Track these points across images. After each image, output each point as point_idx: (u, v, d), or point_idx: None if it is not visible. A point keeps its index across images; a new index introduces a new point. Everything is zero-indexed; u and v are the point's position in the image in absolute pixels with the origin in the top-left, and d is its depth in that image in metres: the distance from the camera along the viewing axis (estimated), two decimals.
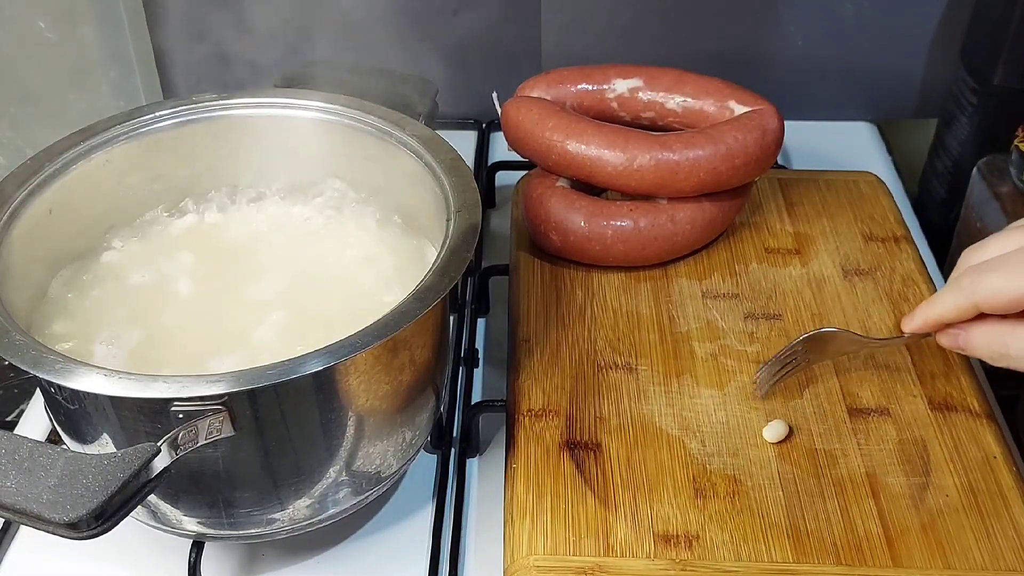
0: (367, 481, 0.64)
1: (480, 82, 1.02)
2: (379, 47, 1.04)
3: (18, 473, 0.50)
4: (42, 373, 0.54)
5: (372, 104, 0.75)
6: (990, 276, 0.62)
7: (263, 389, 0.55)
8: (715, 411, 0.70)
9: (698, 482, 0.65)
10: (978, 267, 0.63)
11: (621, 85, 0.85)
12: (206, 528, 0.63)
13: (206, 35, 1.03)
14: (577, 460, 0.67)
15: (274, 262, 0.73)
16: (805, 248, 0.84)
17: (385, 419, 0.63)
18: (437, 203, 0.68)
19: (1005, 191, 0.87)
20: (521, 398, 0.71)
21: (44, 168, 0.69)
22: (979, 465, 0.66)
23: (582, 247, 0.80)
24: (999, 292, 0.61)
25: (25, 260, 0.66)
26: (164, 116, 0.74)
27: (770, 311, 0.78)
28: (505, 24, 1.04)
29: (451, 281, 0.60)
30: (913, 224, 0.93)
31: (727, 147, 0.78)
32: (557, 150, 0.80)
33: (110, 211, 0.74)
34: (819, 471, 0.66)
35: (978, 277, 0.63)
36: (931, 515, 0.63)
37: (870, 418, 0.69)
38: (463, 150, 0.73)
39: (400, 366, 0.61)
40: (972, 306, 0.63)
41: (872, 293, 0.79)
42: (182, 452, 0.54)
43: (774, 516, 0.63)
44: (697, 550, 0.61)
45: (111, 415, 0.57)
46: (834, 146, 1.06)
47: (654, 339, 0.76)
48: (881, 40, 1.04)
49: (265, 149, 0.77)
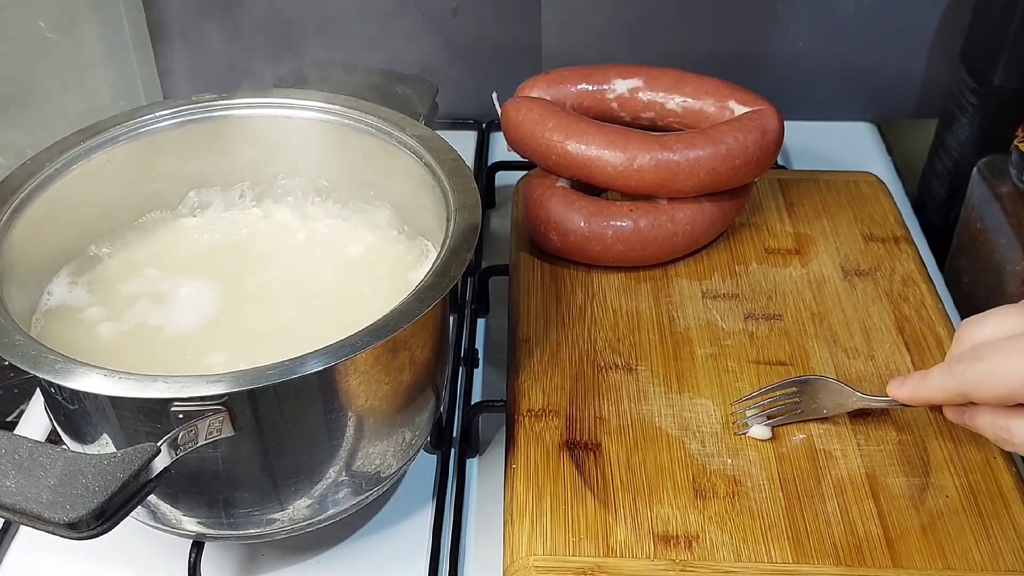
0: (367, 481, 0.64)
1: (480, 82, 1.02)
2: (379, 47, 1.04)
3: (18, 473, 0.50)
4: (42, 373, 0.54)
5: (372, 104, 0.75)
6: (980, 367, 0.58)
7: (263, 389, 0.55)
8: (715, 412, 0.70)
9: (698, 483, 0.65)
10: (972, 353, 0.60)
11: (621, 85, 0.85)
12: (206, 528, 0.63)
13: (206, 35, 1.03)
14: (577, 460, 0.67)
15: (274, 262, 0.73)
16: (805, 248, 0.84)
17: (385, 419, 0.63)
18: (437, 203, 0.68)
19: (1005, 191, 0.87)
20: (521, 398, 0.71)
21: (44, 168, 0.69)
22: (979, 466, 0.66)
23: (582, 247, 0.80)
24: (988, 384, 0.58)
25: (25, 260, 0.66)
26: (164, 116, 0.74)
27: (770, 311, 0.78)
28: (505, 24, 1.04)
29: (451, 281, 0.60)
30: (913, 224, 0.93)
31: (727, 147, 0.78)
32: (557, 150, 0.80)
33: (110, 211, 0.74)
34: (819, 472, 0.66)
35: (969, 365, 0.59)
36: (931, 516, 0.63)
37: (870, 419, 0.69)
38: (463, 150, 0.73)
39: (400, 366, 0.61)
40: (962, 395, 0.60)
41: (872, 293, 0.79)
42: (182, 452, 0.54)
43: (774, 517, 0.63)
44: (697, 551, 0.61)
45: (111, 415, 0.57)
46: (834, 146, 1.06)
47: (654, 339, 0.76)
48: (881, 40, 1.04)
49: (265, 149, 0.77)
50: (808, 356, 0.74)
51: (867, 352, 0.74)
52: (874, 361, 0.73)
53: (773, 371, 0.73)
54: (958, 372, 0.60)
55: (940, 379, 0.62)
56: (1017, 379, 0.57)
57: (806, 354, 0.74)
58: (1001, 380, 0.57)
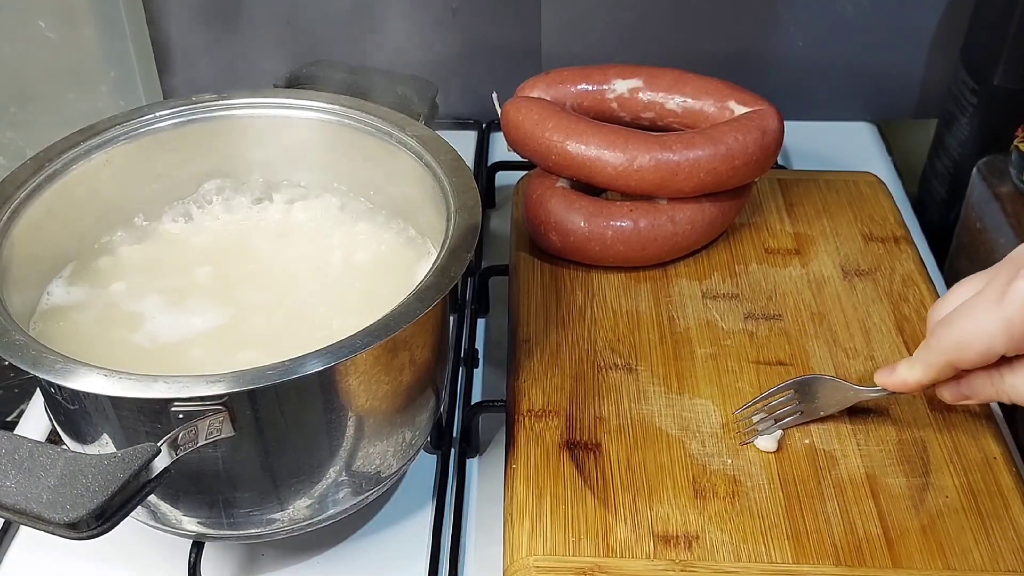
0: (367, 481, 0.64)
1: (480, 82, 1.02)
2: (379, 47, 1.04)
3: (18, 473, 0.50)
4: (42, 373, 0.54)
5: (372, 104, 0.75)
6: (951, 331, 0.59)
7: (263, 389, 0.55)
8: (715, 412, 0.70)
9: (698, 483, 0.65)
10: (943, 322, 0.61)
11: (621, 85, 0.85)
12: (206, 528, 0.63)
13: (206, 35, 1.03)
14: (577, 461, 0.67)
15: (275, 262, 0.73)
16: (805, 248, 0.84)
17: (385, 419, 0.63)
18: (437, 203, 0.68)
19: (1005, 191, 0.87)
20: (521, 398, 0.71)
21: (44, 168, 0.69)
22: (979, 466, 0.66)
23: (582, 247, 0.80)
24: (965, 345, 0.59)
25: (25, 260, 0.66)
26: (164, 116, 0.74)
27: (770, 311, 0.78)
28: (505, 24, 1.04)
29: (451, 281, 0.60)
30: (913, 224, 0.93)
31: (727, 147, 0.78)
32: (557, 150, 0.80)
33: (110, 211, 0.74)
34: (819, 472, 0.66)
35: (943, 334, 0.60)
36: (931, 516, 0.63)
37: (869, 419, 0.69)
38: (463, 150, 0.73)
39: (400, 366, 0.61)
40: (947, 364, 0.61)
41: (872, 293, 0.79)
42: (182, 452, 0.54)
43: (774, 517, 0.63)
44: (697, 551, 0.61)
45: (111, 415, 0.57)
46: (834, 146, 1.06)
47: (654, 340, 0.76)
48: (881, 40, 1.04)
49: (265, 149, 0.77)
50: (808, 356, 0.74)
51: (867, 352, 0.74)
52: (874, 361, 0.73)
53: (773, 371, 0.73)
54: (935, 344, 0.61)
55: (922, 357, 0.62)
56: (988, 331, 0.58)
57: (806, 354, 0.74)
58: (974, 337, 0.58)
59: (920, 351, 0.63)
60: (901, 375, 0.64)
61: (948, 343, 0.60)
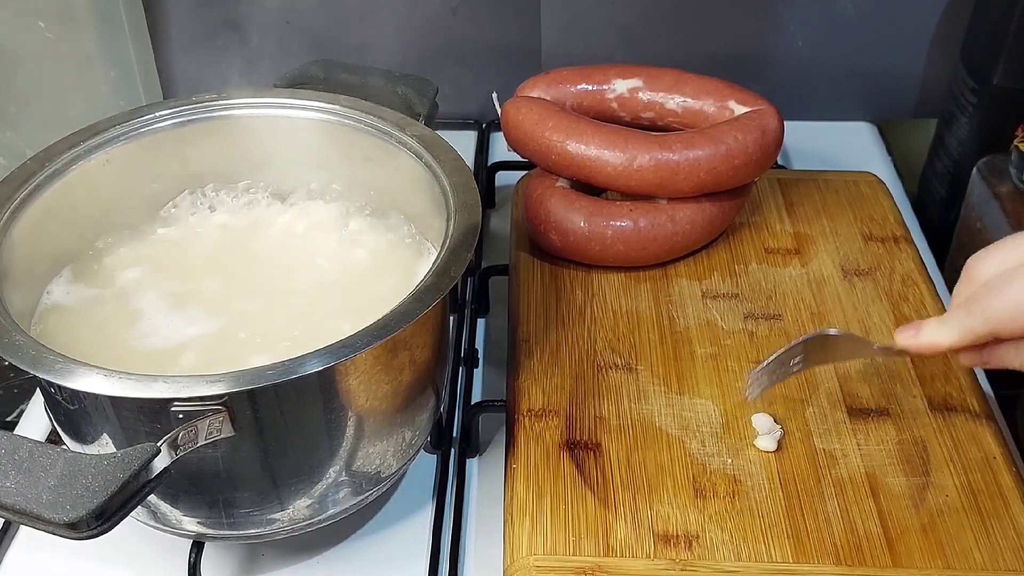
0: (367, 481, 0.64)
1: (480, 82, 1.02)
2: (379, 47, 1.04)
3: (18, 473, 0.50)
4: (42, 373, 0.54)
5: (372, 104, 0.75)
6: (1003, 300, 0.55)
7: (263, 389, 0.55)
8: (715, 411, 0.70)
9: (698, 482, 0.65)
10: (987, 289, 0.56)
11: (621, 85, 0.85)
12: (206, 528, 0.63)
13: (206, 35, 1.03)
14: (577, 460, 0.67)
15: (274, 262, 0.73)
16: (805, 248, 0.84)
17: (385, 419, 0.63)
18: (437, 203, 0.68)
19: (1005, 191, 0.87)
20: (521, 398, 0.71)
21: (44, 168, 0.69)
22: (979, 465, 0.66)
23: (582, 247, 0.80)
24: (1017, 316, 0.55)
25: (25, 260, 0.66)
26: (164, 116, 0.74)
27: (770, 311, 0.78)
28: (505, 24, 1.04)
29: (451, 281, 0.60)
30: (913, 224, 0.93)
31: (727, 147, 0.78)
32: (557, 150, 0.80)
33: (110, 211, 0.74)
34: (819, 471, 0.66)
35: (991, 301, 0.56)
36: (931, 515, 0.63)
37: (870, 418, 0.69)
38: (463, 150, 0.73)
39: (400, 366, 0.61)
40: (988, 333, 0.56)
41: (872, 293, 0.79)
42: (182, 452, 0.54)
43: (774, 516, 0.63)
44: (697, 550, 0.61)
45: (111, 415, 0.57)
46: (834, 146, 1.06)
47: (654, 339, 0.76)
48: (881, 40, 1.04)
49: (265, 149, 0.77)
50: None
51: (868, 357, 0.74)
52: (874, 361, 0.73)
53: None
54: (979, 311, 0.56)
55: (962, 321, 0.57)
56: None
57: None
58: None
59: (958, 314, 0.58)
60: (930, 336, 0.59)
61: (1000, 311, 0.55)
